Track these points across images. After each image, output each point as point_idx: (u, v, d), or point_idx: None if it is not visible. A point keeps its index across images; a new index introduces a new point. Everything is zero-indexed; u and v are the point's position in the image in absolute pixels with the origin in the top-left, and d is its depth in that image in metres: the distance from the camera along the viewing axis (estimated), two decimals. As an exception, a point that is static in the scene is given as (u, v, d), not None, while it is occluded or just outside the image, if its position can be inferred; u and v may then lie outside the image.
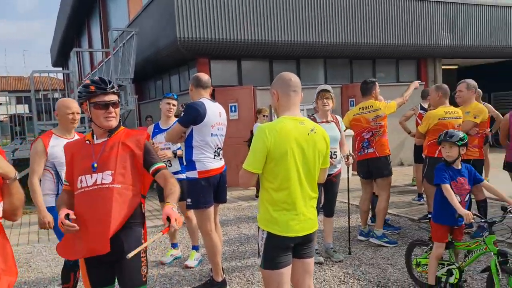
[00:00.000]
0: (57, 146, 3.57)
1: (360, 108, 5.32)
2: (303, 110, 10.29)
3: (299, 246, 2.58)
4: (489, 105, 7.27)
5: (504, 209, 3.33)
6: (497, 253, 3.23)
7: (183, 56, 10.10)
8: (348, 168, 4.74)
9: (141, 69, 12.25)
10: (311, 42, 10.55)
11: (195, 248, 4.98)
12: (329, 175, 4.47)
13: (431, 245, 3.73)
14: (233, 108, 9.77)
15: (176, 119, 4.31)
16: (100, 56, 19.10)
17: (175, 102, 5.00)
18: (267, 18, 10.02)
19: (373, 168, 5.23)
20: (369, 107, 5.23)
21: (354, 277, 4.27)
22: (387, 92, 8.48)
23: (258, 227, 2.61)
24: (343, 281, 4.21)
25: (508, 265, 3.21)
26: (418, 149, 7.22)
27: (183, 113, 3.96)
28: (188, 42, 9.28)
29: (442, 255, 3.62)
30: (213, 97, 9.58)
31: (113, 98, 2.46)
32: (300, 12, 10.41)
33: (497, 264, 3.20)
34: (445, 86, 5.44)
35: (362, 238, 5.45)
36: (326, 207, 4.84)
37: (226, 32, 9.59)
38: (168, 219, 2.18)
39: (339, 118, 4.77)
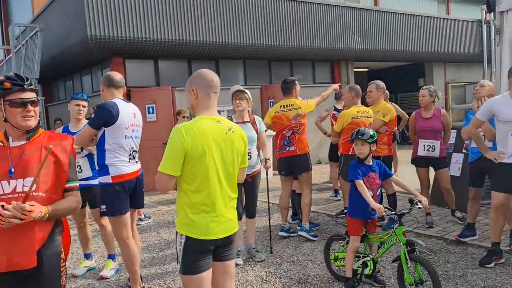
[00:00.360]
0: None
1: (281, 106, 5.41)
2: (223, 111, 10.26)
3: (219, 249, 2.51)
4: (396, 105, 7.78)
5: (411, 201, 3.55)
6: (406, 243, 3.43)
7: (95, 55, 9.57)
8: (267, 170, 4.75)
9: (48, 69, 11.39)
10: (230, 43, 10.56)
11: (111, 257, 4.70)
12: (246, 175, 4.48)
13: (348, 239, 3.88)
14: (150, 110, 9.43)
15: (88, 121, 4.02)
16: (1, 54, 17.47)
17: (85, 103, 4.68)
18: (185, 18, 9.83)
19: (294, 165, 5.35)
20: (290, 105, 5.34)
21: (276, 276, 4.30)
22: (304, 93, 8.67)
23: (176, 232, 2.50)
24: (266, 280, 4.22)
25: (415, 253, 3.43)
26: (333, 148, 7.53)
27: (93, 114, 3.70)
28: (100, 40, 8.79)
29: (358, 248, 3.78)
30: (129, 98, 9.31)
31: (31, 95, 2.24)
32: (219, 13, 10.37)
33: (406, 253, 3.41)
34: (357, 87, 5.72)
35: (283, 234, 5.54)
36: (247, 208, 4.84)
37: (142, 30, 9.24)
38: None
39: (258, 118, 4.76)
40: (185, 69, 10.75)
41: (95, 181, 4.22)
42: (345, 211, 3.95)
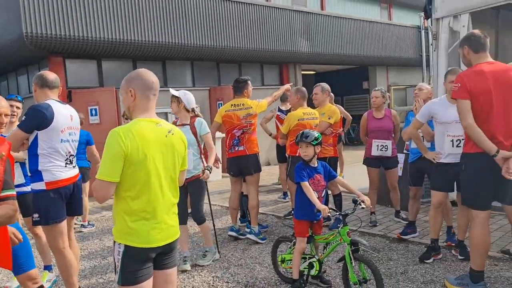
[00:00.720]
0: None
1: (232, 105, 5.37)
2: (170, 113, 10.04)
3: (160, 256, 2.40)
4: (341, 106, 7.96)
5: (354, 201, 3.61)
6: (350, 243, 3.48)
7: (32, 53, 9.03)
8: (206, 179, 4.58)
9: (-19, 68, 10.64)
10: (177, 44, 10.36)
11: (48, 268, 4.41)
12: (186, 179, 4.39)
13: (295, 240, 3.88)
14: (93, 112, 9.04)
15: None
16: None
17: (19, 104, 4.38)
18: (130, 17, 9.52)
19: (242, 165, 5.30)
20: (241, 104, 5.30)
21: (223, 280, 4.23)
22: (253, 95, 8.69)
23: (114, 241, 2.36)
24: (212, 285, 4.13)
25: (359, 253, 3.49)
26: (281, 149, 7.57)
27: (24, 116, 3.45)
28: (37, 38, 8.30)
29: (305, 249, 3.79)
30: (69, 99, 8.86)
31: None
32: (166, 13, 10.14)
33: (350, 253, 3.46)
34: (304, 89, 5.77)
35: (233, 233, 5.49)
36: (194, 213, 4.73)
37: (83, 28, 8.84)
38: None
39: (199, 121, 4.60)
40: (130, 69, 10.38)
41: (27, 188, 3.95)
42: (293, 212, 3.95)
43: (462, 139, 3.81)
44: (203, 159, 4.62)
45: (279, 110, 7.70)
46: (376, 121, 5.70)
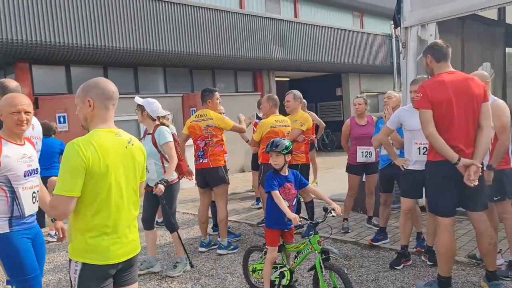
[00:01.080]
0: (10, 154, 2.81)
1: (196, 115, 5.35)
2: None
3: (120, 273, 2.31)
4: (313, 113, 8.01)
5: (325, 209, 3.60)
6: (321, 251, 3.47)
7: (-3, 59, 8.75)
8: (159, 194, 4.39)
9: None
10: (149, 50, 10.24)
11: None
12: (147, 186, 4.33)
13: (266, 249, 3.84)
14: (61, 119, 8.80)
15: None
16: None
17: None
18: (100, 22, 9.35)
19: (207, 178, 5.24)
20: (203, 115, 5.25)
21: (194, 292, 4.15)
22: (227, 102, 8.69)
23: (70, 260, 2.26)
24: (183, 297, 4.05)
25: (330, 261, 3.48)
26: (255, 156, 7.54)
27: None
28: (2, 44, 8.03)
29: (276, 259, 3.76)
30: (36, 106, 8.59)
31: None
32: (137, 19, 10.02)
33: (321, 261, 3.44)
34: (275, 96, 5.77)
35: (203, 249, 5.37)
36: (165, 221, 4.65)
37: (51, 34, 8.61)
38: None
39: (159, 130, 4.49)
40: (100, 76, 10.18)
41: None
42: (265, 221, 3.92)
43: (428, 147, 3.87)
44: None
45: (257, 117, 7.68)
46: (360, 128, 5.72)
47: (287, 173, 3.77)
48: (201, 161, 5.21)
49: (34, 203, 2.95)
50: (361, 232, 5.75)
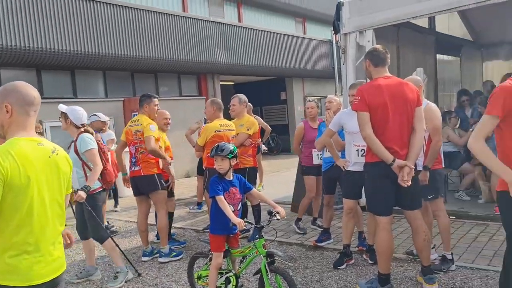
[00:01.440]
0: None
1: (131, 121, 5.24)
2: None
3: None
4: (259, 118, 8.07)
5: (270, 213, 3.61)
6: (266, 255, 3.48)
7: None
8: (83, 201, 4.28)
9: None
10: (87, 53, 9.82)
11: None
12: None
13: (211, 256, 3.79)
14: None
15: None
16: None
17: None
18: (32, 22, 8.84)
19: (140, 186, 5.10)
20: (136, 120, 5.12)
21: (137, 303, 4.00)
22: (171, 106, 8.52)
23: None
24: (125, 309, 3.90)
25: (275, 264, 3.49)
26: (200, 161, 7.45)
27: None
28: None
29: (221, 264, 3.72)
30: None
31: None
32: (75, 21, 9.58)
33: (266, 265, 3.45)
34: (219, 100, 5.74)
35: (146, 258, 5.20)
36: (92, 232, 4.47)
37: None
38: None
39: (81, 137, 4.34)
40: (33, 79, 9.61)
41: None
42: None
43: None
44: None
45: (206, 122, 7.58)
46: (313, 130, 5.75)
47: (231, 178, 3.74)
48: (133, 168, 5.08)
49: None
50: (306, 234, 5.84)
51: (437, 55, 9.98)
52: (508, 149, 2.62)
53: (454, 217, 5.75)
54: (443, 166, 4.37)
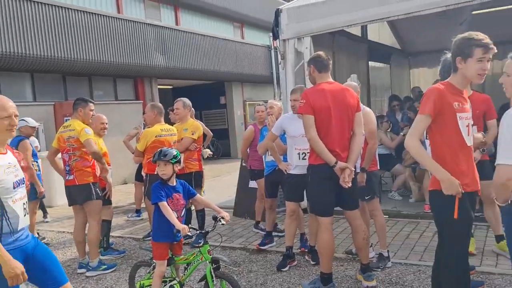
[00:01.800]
0: None
1: (63, 126, 5.00)
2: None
3: None
4: (202, 123, 7.99)
5: (214, 218, 3.58)
6: (211, 260, 3.45)
7: None
8: None
9: None
10: (12, 53, 9.18)
11: None
12: None
13: (154, 264, 3.69)
14: None
15: None
16: None
17: None
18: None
19: (75, 195, 4.85)
20: (68, 126, 4.89)
21: (74, 318, 3.79)
22: (106, 111, 8.17)
23: None
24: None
25: (220, 270, 3.47)
26: (139, 167, 7.23)
27: None
28: None
29: (165, 273, 3.62)
30: None
31: None
32: (-3, 17, 8.93)
33: (211, 271, 3.42)
34: (160, 104, 5.62)
35: (82, 270, 4.93)
36: None
37: None
38: None
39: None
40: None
41: None
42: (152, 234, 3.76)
43: (307, 152, 4.13)
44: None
45: (145, 127, 7.35)
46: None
47: (175, 184, 3.67)
48: (67, 177, 4.84)
49: (25, 215, 2.68)
50: (249, 238, 5.87)
51: (369, 62, 10.50)
52: (439, 149, 2.82)
53: (388, 216, 6.05)
54: (378, 168, 4.59)
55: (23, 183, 2.71)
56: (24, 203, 2.67)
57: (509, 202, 2.39)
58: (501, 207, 2.50)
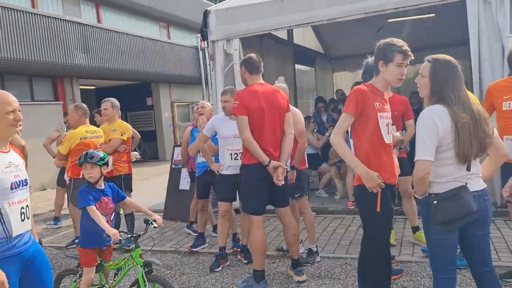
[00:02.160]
0: None
1: None
2: None
3: None
4: (130, 126, 7.72)
5: (146, 221, 3.51)
6: (143, 264, 3.37)
7: None
8: None
9: None
10: None
11: None
12: None
13: (81, 272, 3.52)
14: None
15: None
16: None
17: None
18: None
19: None
20: None
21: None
22: (22, 112, 7.60)
23: None
24: None
25: (152, 273, 3.40)
26: (62, 171, 6.81)
27: None
28: None
29: (93, 280, 3.47)
30: None
31: None
32: None
33: (144, 275, 3.34)
34: (84, 105, 5.38)
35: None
36: None
37: None
38: None
39: None
40: None
41: None
42: (77, 241, 3.58)
43: (240, 153, 4.19)
44: None
45: (67, 129, 6.92)
46: None
47: (103, 187, 3.54)
48: None
49: (23, 220, 2.45)
50: (180, 241, 5.79)
51: (296, 65, 10.87)
52: (361, 146, 3.02)
53: (315, 213, 6.29)
54: (307, 166, 4.77)
55: (25, 185, 2.49)
56: (23, 207, 2.46)
57: (426, 194, 2.62)
58: (418, 200, 2.74)
